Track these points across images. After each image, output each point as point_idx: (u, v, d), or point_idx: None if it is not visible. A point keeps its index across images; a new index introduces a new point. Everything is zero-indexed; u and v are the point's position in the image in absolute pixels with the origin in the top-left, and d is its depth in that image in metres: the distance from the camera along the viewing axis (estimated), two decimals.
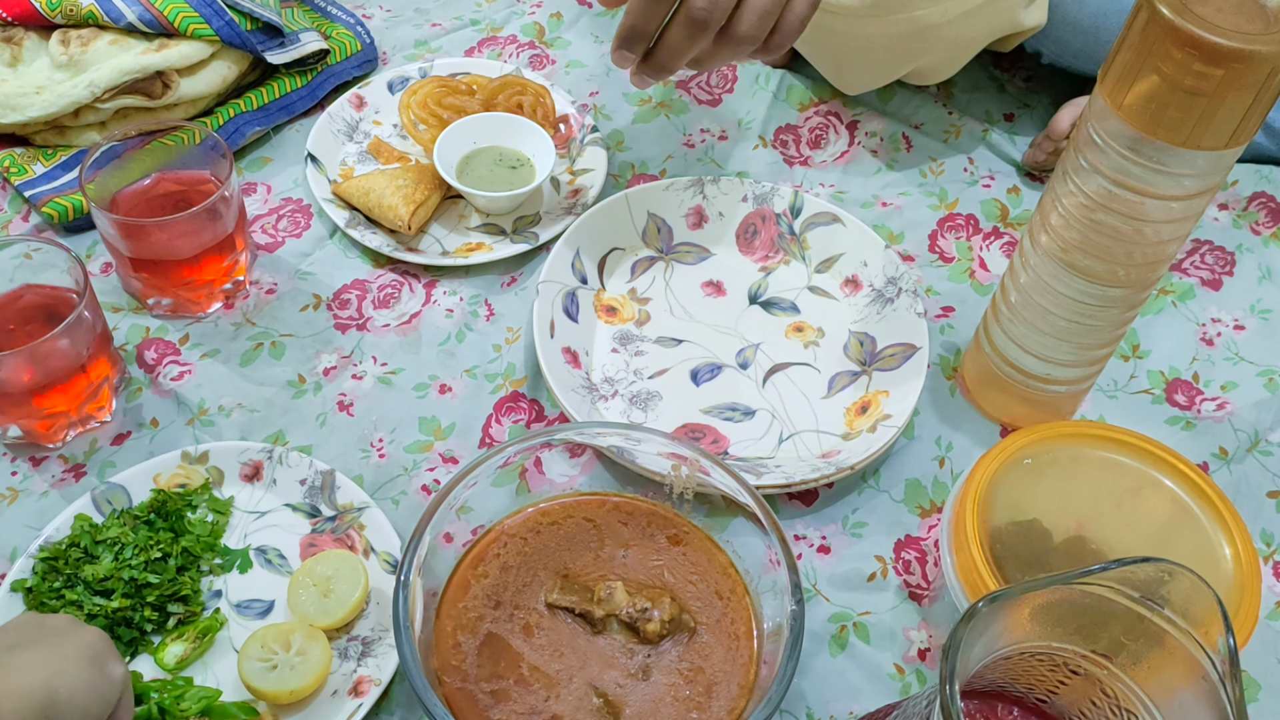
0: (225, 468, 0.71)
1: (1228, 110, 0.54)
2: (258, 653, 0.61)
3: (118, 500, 0.69)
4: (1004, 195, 0.93)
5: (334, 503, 0.69)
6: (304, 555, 0.68)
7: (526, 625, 0.59)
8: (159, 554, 0.65)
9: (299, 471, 0.70)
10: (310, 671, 0.60)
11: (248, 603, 0.66)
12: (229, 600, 0.66)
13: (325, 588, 0.64)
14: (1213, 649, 0.43)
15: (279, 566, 0.68)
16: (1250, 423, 0.79)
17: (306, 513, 0.70)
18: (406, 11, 1.07)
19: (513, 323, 0.82)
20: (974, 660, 0.45)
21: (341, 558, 0.65)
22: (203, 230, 0.76)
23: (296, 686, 0.60)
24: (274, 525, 0.69)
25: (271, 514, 0.70)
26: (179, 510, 0.68)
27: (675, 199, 0.86)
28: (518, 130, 0.90)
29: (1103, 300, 0.66)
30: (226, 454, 0.71)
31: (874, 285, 0.83)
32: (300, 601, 0.63)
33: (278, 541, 0.69)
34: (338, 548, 0.67)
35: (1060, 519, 0.64)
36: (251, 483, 0.71)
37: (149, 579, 0.64)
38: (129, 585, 0.64)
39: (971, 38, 0.87)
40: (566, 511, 0.63)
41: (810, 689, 0.65)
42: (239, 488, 0.71)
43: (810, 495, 0.74)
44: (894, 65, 0.90)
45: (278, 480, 0.70)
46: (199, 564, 0.67)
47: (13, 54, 0.87)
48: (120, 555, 0.65)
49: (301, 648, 0.61)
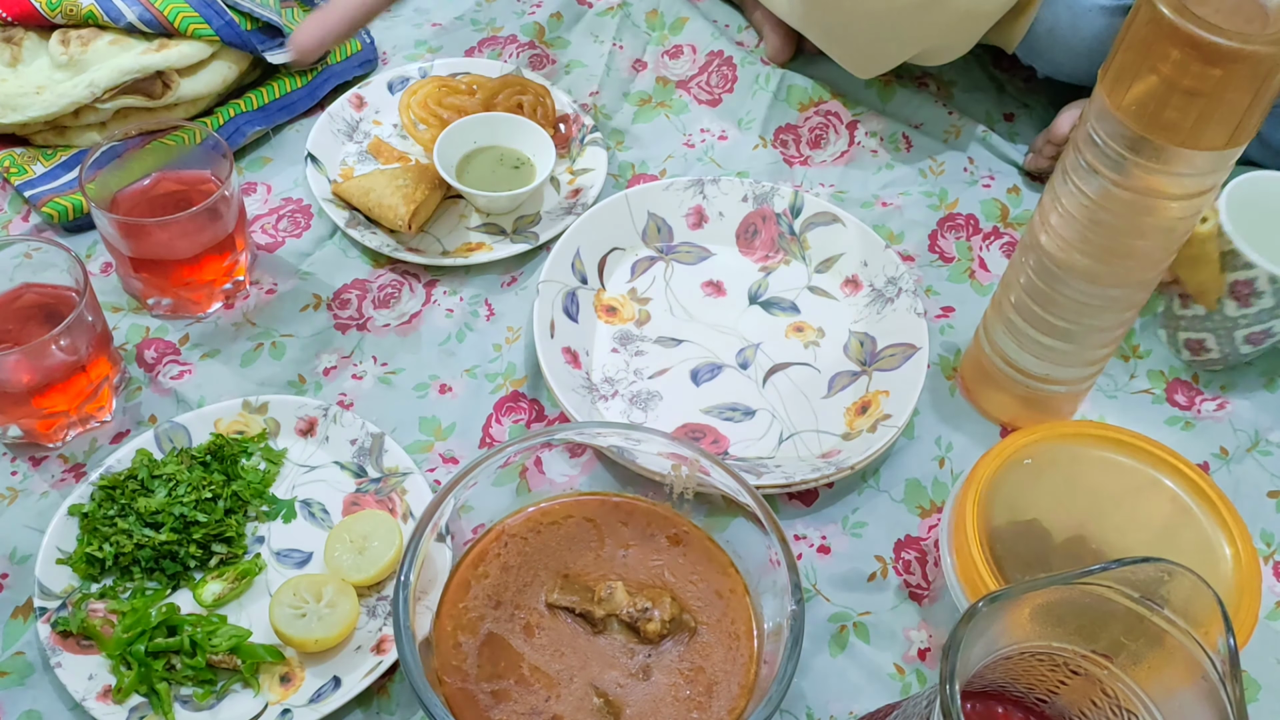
0: (282, 420, 0.73)
1: (1227, 110, 0.54)
2: (290, 600, 0.63)
3: (179, 439, 0.72)
4: (1004, 195, 0.93)
5: (380, 465, 0.71)
6: (345, 512, 0.70)
7: (527, 625, 0.59)
8: (210, 495, 0.68)
9: (351, 431, 0.73)
10: (337, 624, 0.62)
11: (287, 551, 0.69)
12: (270, 547, 0.69)
13: (361, 545, 0.66)
14: (1213, 649, 0.43)
15: (321, 520, 0.70)
16: (1250, 423, 0.79)
17: (353, 472, 0.72)
18: (406, 11, 1.07)
19: (513, 322, 0.82)
20: (974, 660, 0.45)
21: (380, 519, 0.67)
22: (203, 230, 0.76)
23: (322, 636, 0.62)
24: (321, 480, 0.72)
25: (320, 469, 0.72)
26: (234, 456, 0.71)
27: (675, 199, 0.86)
28: (518, 130, 0.90)
29: (1103, 300, 0.66)
30: (285, 407, 0.73)
31: (874, 285, 0.83)
32: (336, 556, 0.66)
33: (323, 496, 0.71)
34: (379, 509, 0.70)
35: (1060, 519, 0.64)
36: (305, 437, 0.73)
37: (198, 517, 0.67)
38: (178, 521, 0.67)
39: (982, 10, 0.86)
40: (567, 511, 0.63)
41: (810, 689, 0.65)
42: (293, 440, 0.73)
43: (810, 495, 0.74)
44: (904, 42, 0.89)
45: (330, 438, 0.73)
46: (247, 509, 0.70)
47: (13, 54, 0.87)
48: (174, 492, 0.68)
49: (332, 600, 0.63)
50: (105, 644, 0.62)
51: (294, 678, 0.63)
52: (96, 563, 0.66)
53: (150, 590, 0.66)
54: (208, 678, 0.62)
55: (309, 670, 0.63)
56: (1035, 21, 0.89)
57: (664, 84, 1.01)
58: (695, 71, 1.02)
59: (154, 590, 0.66)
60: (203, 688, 0.62)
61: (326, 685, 0.62)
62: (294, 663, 0.63)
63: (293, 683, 0.63)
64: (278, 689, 0.63)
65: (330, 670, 0.63)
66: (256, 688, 0.62)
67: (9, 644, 0.65)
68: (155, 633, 0.62)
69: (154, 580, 0.66)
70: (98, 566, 0.66)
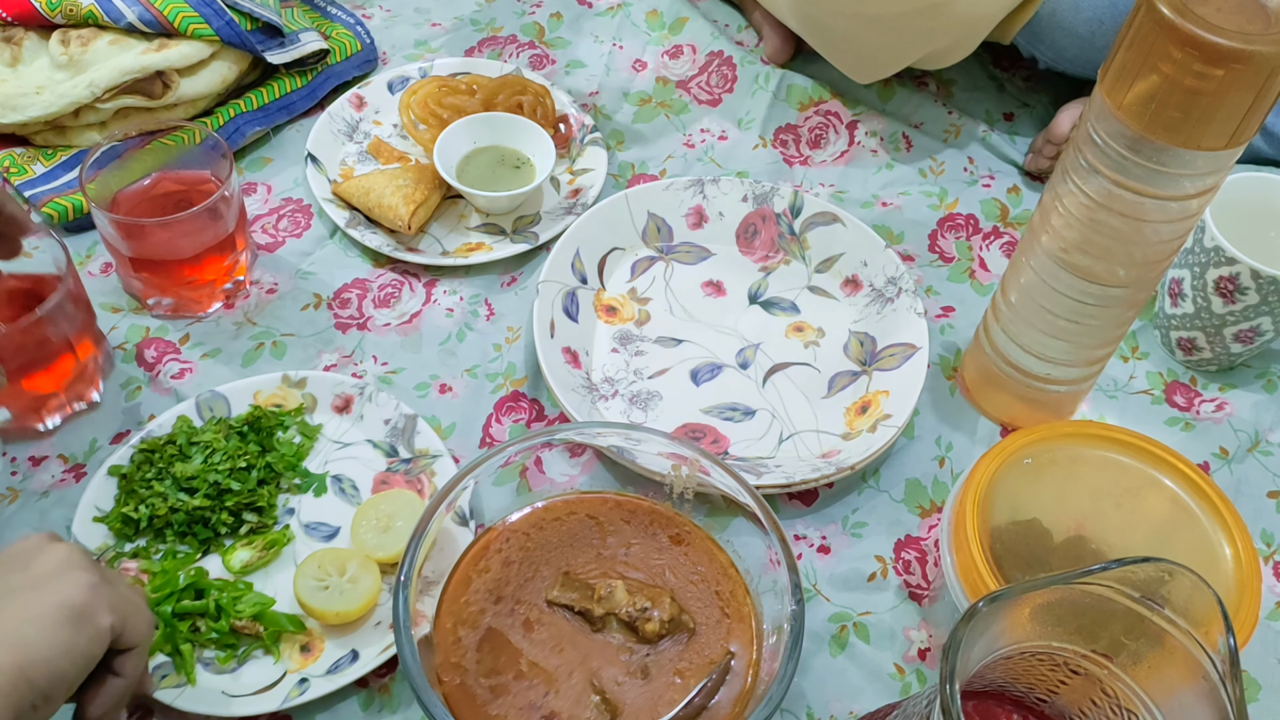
0: (320, 396, 0.75)
1: (1227, 110, 0.54)
2: (314, 572, 0.64)
3: (218, 409, 0.73)
4: (1004, 195, 0.93)
5: (411, 446, 0.72)
6: (374, 490, 0.71)
7: (527, 620, 0.59)
8: (244, 464, 0.70)
9: (385, 411, 0.74)
10: (358, 598, 0.64)
11: (316, 524, 0.70)
12: (299, 519, 0.70)
13: (387, 524, 0.67)
14: (1213, 649, 0.43)
15: (350, 496, 0.71)
16: (1250, 423, 0.79)
17: (385, 451, 0.73)
18: (406, 11, 1.07)
19: (513, 322, 0.82)
20: (974, 660, 0.45)
21: (407, 498, 0.68)
22: (203, 230, 0.76)
23: (342, 609, 0.63)
24: (353, 457, 0.73)
25: (353, 446, 0.73)
26: (271, 428, 0.72)
27: (675, 199, 0.86)
28: (518, 130, 0.90)
29: (1103, 300, 0.66)
30: (323, 383, 0.75)
31: (874, 285, 0.83)
32: (362, 532, 0.67)
33: (354, 473, 0.72)
34: (407, 489, 0.70)
35: (1060, 519, 0.64)
36: (341, 414, 0.74)
37: (231, 485, 0.69)
38: (212, 488, 0.68)
39: (983, 14, 0.86)
40: (570, 508, 0.63)
41: (810, 689, 0.65)
42: (329, 416, 0.74)
43: (810, 495, 0.74)
44: (905, 48, 0.89)
45: (365, 416, 0.74)
46: (279, 480, 0.71)
47: (13, 54, 0.87)
48: (210, 459, 0.70)
49: (354, 575, 0.64)
50: None
51: (314, 648, 0.64)
52: (131, 523, 0.68)
53: (181, 553, 0.68)
54: (230, 642, 0.64)
55: (329, 641, 0.64)
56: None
57: (664, 84, 1.01)
58: (695, 71, 1.02)
59: (185, 554, 0.68)
60: (225, 651, 0.63)
61: (344, 657, 0.63)
62: (315, 633, 0.65)
63: (312, 653, 0.64)
64: (297, 658, 0.64)
65: (350, 643, 0.64)
66: (277, 655, 0.64)
67: None
68: (183, 595, 0.64)
69: (185, 544, 0.68)
70: (132, 527, 0.68)
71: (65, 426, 0.74)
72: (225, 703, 0.61)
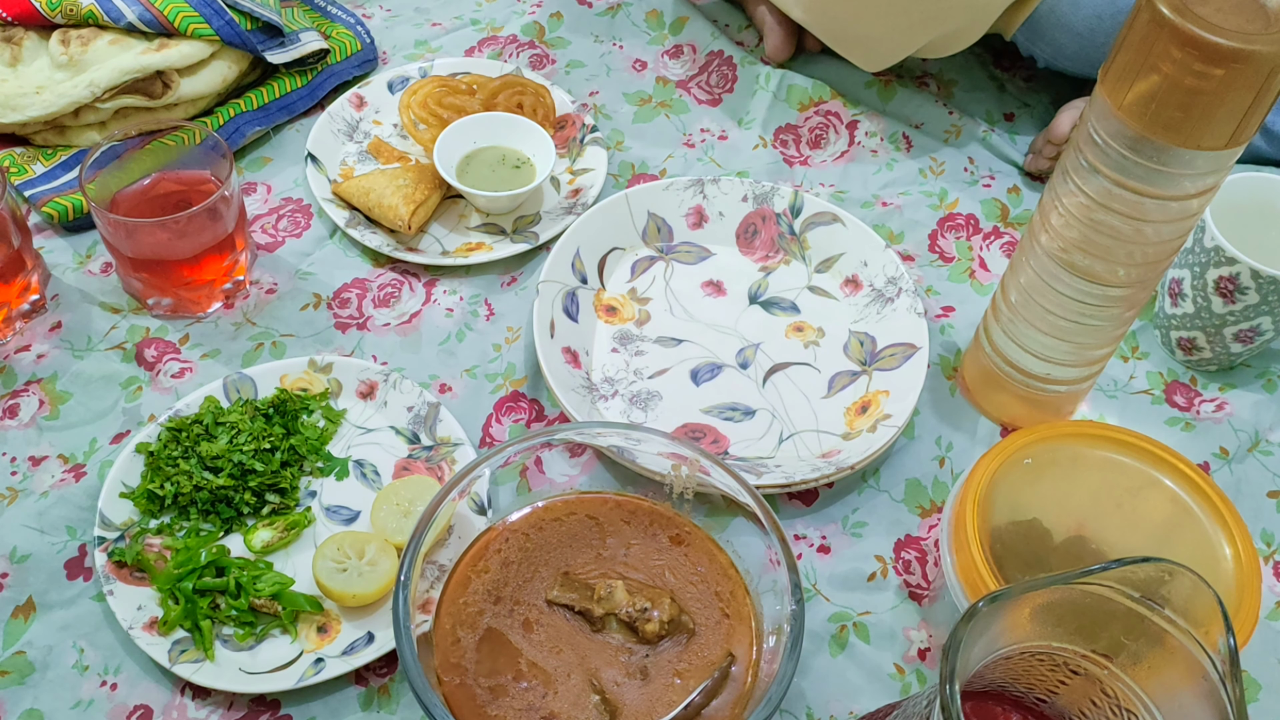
0: (345, 381, 0.76)
1: (1227, 110, 0.54)
2: (333, 554, 0.65)
3: (245, 390, 0.74)
4: (1004, 195, 0.93)
5: (433, 434, 0.73)
6: (395, 476, 0.72)
7: (526, 621, 0.58)
8: (269, 446, 0.71)
9: (409, 399, 0.75)
10: (375, 581, 0.64)
11: (337, 508, 0.71)
12: (321, 502, 0.71)
13: (406, 509, 0.68)
14: (1213, 649, 0.43)
15: (371, 481, 0.72)
16: (1250, 422, 0.79)
17: (408, 438, 0.74)
18: (406, 11, 1.07)
19: (513, 322, 0.82)
20: (974, 660, 0.45)
21: (427, 484, 0.69)
22: (203, 230, 0.76)
23: (360, 591, 0.64)
24: (376, 443, 0.74)
25: (376, 432, 0.74)
26: (296, 411, 0.74)
27: (675, 199, 0.86)
28: (518, 130, 0.90)
29: (1103, 300, 0.66)
30: (348, 369, 0.76)
31: (874, 285, 0.83)
32: (381, 516, 0.67)
33: (376, 458, 0.73)
34: (428, 476, 0.71)
35: (1060, 519, 0.64)
36: (365, 400, 0.76)
37: (255, 466, 0.70)
38: (236, 468, 0.70)
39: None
40: (570, 508, 0.63)
41: (810, 689, 0.65)
42: (353, 402, 0.76)
43: (810, 495, 0.74)
44: (914, 31, 0.88)
45: (389, 403, 0.75)
46: (302, 463, 0.72)
47: (13, 54, 0.87)
48: (235, 439, 0.71)
49: (373, 559, 0.65)
50: (156, 577, 0.65)
51: (330, 629, 0.65)
52: (156, 500, 0.69)
53: (204, 531, 0.69)
54: (249, 620, 0.65)
55: (345, 623, 0.65)
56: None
57: (664, 84, 1.01)
58: (695, 71, 1.02)
59: (207, 531, 0.69)
60: (243, 629, 0.65)
61: (360, 639, 0.64)
62: (332, 615, 0.66)
63: (329, 633, 0.65)
64: (314, 638, 0.65)
65: (366, 626, 0.65)
66: (294, 634, 0.65)
67: (9, 644, 0.65)
68: (204, 572, 0.65)
69: (208, 522, 0.69)
70: (157, 503, 0.69)
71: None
72: (243, 679, 0.62)
